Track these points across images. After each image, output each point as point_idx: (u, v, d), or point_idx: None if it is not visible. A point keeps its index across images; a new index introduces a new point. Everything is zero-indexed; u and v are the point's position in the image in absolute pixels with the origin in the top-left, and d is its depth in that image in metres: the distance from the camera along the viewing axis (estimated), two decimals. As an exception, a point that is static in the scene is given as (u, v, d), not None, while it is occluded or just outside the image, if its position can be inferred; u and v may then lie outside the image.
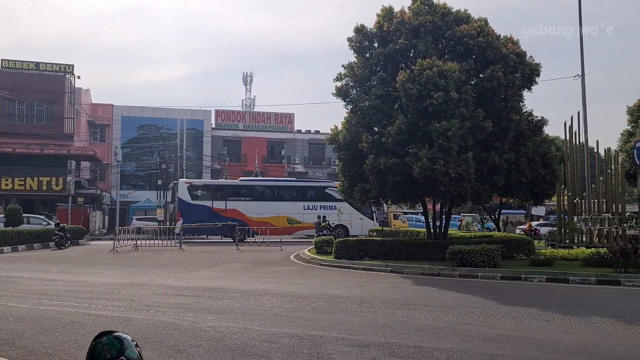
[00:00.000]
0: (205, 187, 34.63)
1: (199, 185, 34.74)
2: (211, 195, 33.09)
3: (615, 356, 7.10)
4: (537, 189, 19.56)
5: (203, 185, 35.53)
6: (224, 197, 32.80)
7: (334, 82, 20.17)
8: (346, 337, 7.94)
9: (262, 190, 34.22)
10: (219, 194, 33.26)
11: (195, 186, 33.91)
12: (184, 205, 31.73)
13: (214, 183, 37.53)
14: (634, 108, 26.12)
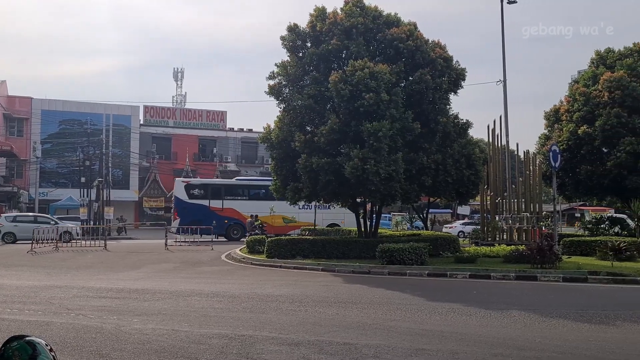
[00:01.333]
0: (202, 186, 34.69)
1: (196, 185, 34.86)
2: (208, 194, 33.19)
3: (531, 347, 7.50)
4: (462, 189, 20.35)
5: (200, 184, 35.51)
6: (221, 196, 32.84)
7: (266, 80, 20.11)
8: (276, 336, 7.92)
9: (258, 190, 34.10)
10: (215, 193, 33.29)
11: (192, 185, 34.23)
12: (181, 204, 31.88)
13: (211, 182, 37.51)
14: (550, 113, 27.73)
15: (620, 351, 7.32)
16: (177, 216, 31.76)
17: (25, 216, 31.85)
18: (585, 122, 24.74)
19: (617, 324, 9.10)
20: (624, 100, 23.51)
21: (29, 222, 28.56)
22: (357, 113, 17.47)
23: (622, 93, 23.56)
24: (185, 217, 30.62)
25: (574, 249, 20.07)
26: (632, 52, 25.60)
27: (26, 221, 29.24)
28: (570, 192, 27.20)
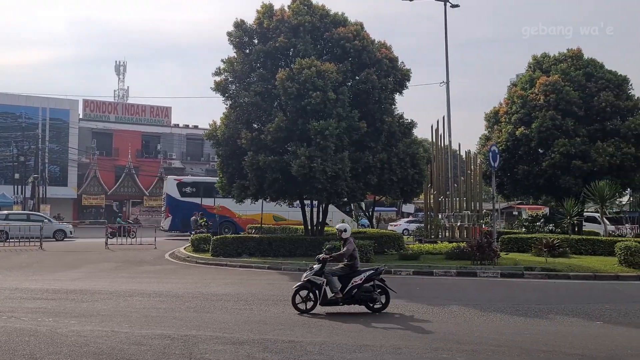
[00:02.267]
0: (194, 185, 34.69)
1: (188, 183, 34.86)
2: (200, 192, 33.19)
3: (469, 341, 7.75)
4: (407, 187, 20.74)
5: (192, 182, 35.45)
6: (213, 194, 32.24)
7: (213, 76, 19.87)
8: (220, 336, 7.83)
9: None
10: (207, 191, 32.95)
11: (184, 183, 34.35)
12: (173, 202, 31.90)
13: (203, 180, 37.30)
14: (490, 115, 28.68)
15: (552, 342, 7.68)
16: (169, 214, 32.14)
17: (18, 214, 31.32)
18: (523, 124, 25.73)
19: (549, 317, 9.55)
20: (558, 103, 24.60)
21: (21, 221, 28.27)
22: (304, 111, 17.49)
23: (556, 97, 24.65)
24: (176, 214, 31.15)
25: (512, 245, 20.87)
26: (566, 57, 26.81)
27: (18, 219, 28.83)
28: (509, 191, 28.24)
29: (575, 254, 19.01)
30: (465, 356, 6.94)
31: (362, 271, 9.86)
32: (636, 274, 14.94)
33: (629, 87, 26.00)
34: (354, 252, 10.02)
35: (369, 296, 9.62)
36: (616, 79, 25.64)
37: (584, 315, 9.72)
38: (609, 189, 21.24)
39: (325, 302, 9.58)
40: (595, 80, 25.43)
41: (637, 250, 15.88)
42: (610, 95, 24.74)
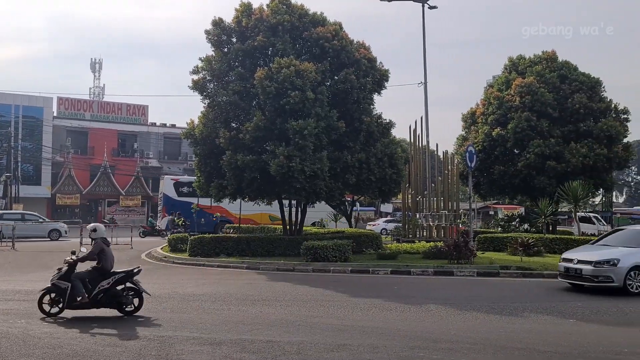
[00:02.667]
0: (190, 184, 33.93)
1: (184, 182, 34.37)
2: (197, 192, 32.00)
3: (446, 339, 7.84)
4: (385, 187, 20.84)
5: (189, 182, 34.57)
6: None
7: (190, 75, 19.65)
8: (197, 336, 7.77)
9: None
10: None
11: (181, 183, 34.10)
12: (170, 202, 31.66)
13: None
14: (467, 115, 29.00)
15: (526, 340, 7.81)
16: (166, 213, 31.92)
17: (12, 214, 31.01)
18: (499, 124, 26.08)
19: (524, 315, 9.70)
20: (533, 105, 25.00)
21: (15, 220, 27.96)
22: (283, 111, 17.45)
23: (531, 98, 25.04)
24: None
25: (488, 245, 21.14)
26: (542, 59, 27.26)
27: (12, 219, 28.49)
28: (485, 191, 28.60)
29: (549, 253, 19.33)
30: (441, 354, 7.01)
31: (113, 274, 9.42)
32: (608, 273, 15.25)
33: (601, 89, 26.56)
34: (103, 254, 9.42)
35: (118, 300, 9.24)
36: (589, 81, 26.17)
37: (557, 313, 9.90)
38: (582, 189, 21.66)
39: (71, 306, 9.07)
40: (569, 82, 25.92)
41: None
42: (583, 97, 25.23)
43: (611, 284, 11.65)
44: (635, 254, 11.97)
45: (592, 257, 12.18)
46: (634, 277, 11.67)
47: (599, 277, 11.79)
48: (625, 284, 11.58)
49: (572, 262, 12.50)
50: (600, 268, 11.81)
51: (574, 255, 12.90)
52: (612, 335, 8.27)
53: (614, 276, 11.60)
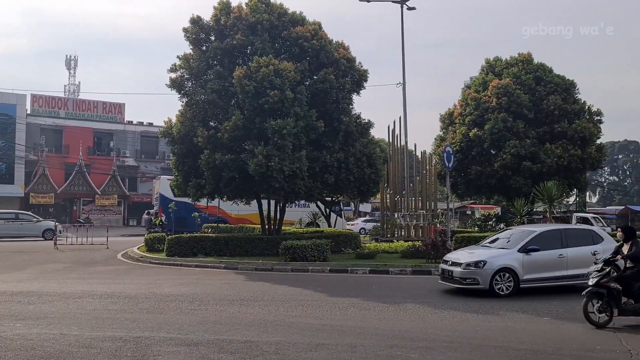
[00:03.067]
0: None
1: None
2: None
3: (423, 338, 7.89)
4: (364, 187, 20.91)
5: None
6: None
7: (168, 73, 19.48)
8: (175, 337, 7.69)
9: None
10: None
11: None
12: (166, 202, 30.93)
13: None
14: (445, 116, 29.32)
15: (502, 338, 7.91)
16: (162, 213, 31.49)
17: (7, 213, 30.62)
18: (476, 125, 26.42)
19: (499, 314, 9.83)
20: (509, 106, 25.38)
21: (10, 220, 28.25)
22: (262, 110, 17.39)
23: (508, 99, 25.43)
24: (170, 214, 30.52)
25: (465, 244, 21.20)
26: (518, 61, 27.70)
27: (7, 219, 28.69)
28: (462, 191, 28.95)
29: (525, 252, 19.56)
30: (419, 353, 7.06)
31: None
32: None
33: (576, 91, 27.11)
34: None
35: None
36: (564, 83, 26.68)
37: (532, 311, 10.05)
38: (557, 189, 22.01)
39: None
40: (545, 84, 26.38)
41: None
42: (558, 98, 25.72)
43: (477, 286, 11.40)
44: (506, 255, 11.74)
45: (463, 259, 11.89)
46: (502, 280, 11.44)
47: (467, 279, 11.54)
48: (491, 286, 11.37)
49: (447, 264, 12.26)
50: (467, 270, 11.54)
51: (452, 256, 12.67)
52: (585, 332, 8.42)
53: (479, 278, 11.35)
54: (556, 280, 11.85)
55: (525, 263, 11.61)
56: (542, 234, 12.22)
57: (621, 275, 8.84)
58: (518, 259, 11.62)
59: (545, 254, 11.76)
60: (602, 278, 8.74)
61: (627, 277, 8.83)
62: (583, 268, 11.21)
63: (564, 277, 11.80)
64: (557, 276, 11.80)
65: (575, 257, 11.78)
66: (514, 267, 11.53)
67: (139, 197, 52.46)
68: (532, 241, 11.87)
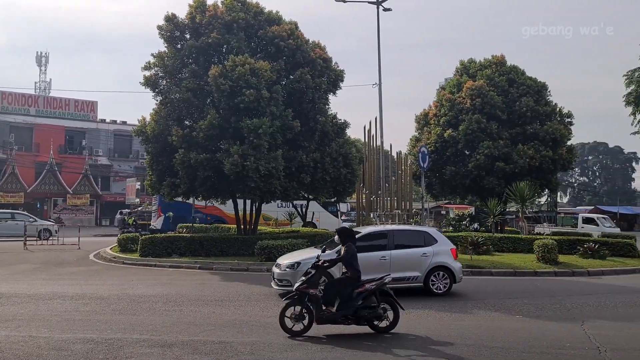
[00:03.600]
0: None
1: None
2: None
3: (399, 336, 7.94)
4: (340, 186, 20.95)
5: None
6: None
7: (142, 71, 19.19)
8: (148, 338, 7.59)
9: None
10: None
11: None
12: (164, 202, 29.78)
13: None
14: (421, 117, 29.57)
15: (475, 336, 8.02)
16: (161, 213, 30.94)
17: (3, 213, 30.59)
18: (451, 126, 26.72)
19: (473, 312, 9.97)
20: (483, 107, 25.73)
21: (6, 220, 28.34)
22: (238, 109, 17.29)
23: (482, 101, 25.77)
24: (167, 213, 30.16)
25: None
26: (491, 63, 28.09)
27: (3, 218, 28.78)
28: (437, 191, 29.23)
29: (498, 251, 19.92)
30: (394, 351, 7.10)
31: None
32: (552, 270, 15.89)
33: (547, 94, 27.64)
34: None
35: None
36: (536, 85, 27.17)
37: (504, 310, 10.21)
38: (529, 190, 22.44)
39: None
40: (517, 86, 26.82)
41: (553, 248, 16.87)
42: (530, 100, 26.17)
43: (291, 288, 10.44)
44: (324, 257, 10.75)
45: (285, 260, 11.54)
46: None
47: (282, 281, 11.09)
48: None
49: (274, 265, 11.85)
50: (283, 272, 11.16)
51: (282, 257, 12.20)
52: (555, 330, 8.59)
53: (292, 280, 10.51)
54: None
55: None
56: (368, 234, 11.90)
57: (327, 282, 8.30)
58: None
59: (366, 255, 10.97)
60: (304, 283, 8.04)
61: (331, 284, 8.25)
62: (408, 271, 11.27)
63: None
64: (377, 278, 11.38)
65: (399, 260, 11.42)
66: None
67: (112, 196, 51.66)
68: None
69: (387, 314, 8.10)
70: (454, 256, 12.04)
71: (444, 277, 11.67)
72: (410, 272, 11.45)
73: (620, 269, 16.90)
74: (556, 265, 16.49)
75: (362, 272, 10.63)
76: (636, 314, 10.11)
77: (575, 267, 16.39)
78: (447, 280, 11.67)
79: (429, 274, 11.60)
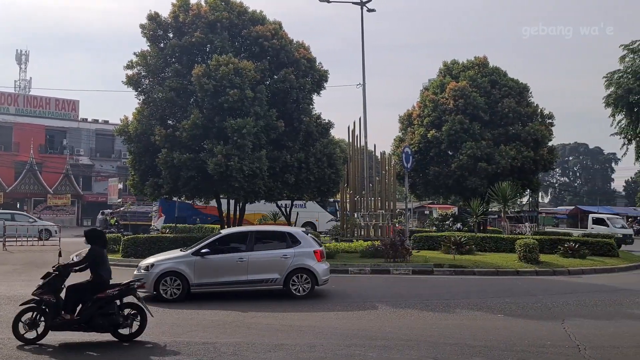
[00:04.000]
0: None
1: None
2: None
3: (381, 337, 7.99)
4: (324, 187, 20.96)
5: None
6: None
7: (124, 70, 19.00)
8: (130, 340, 7.51)
9: None
10: None
11: None
12: (166, 203, 29.69)
13: None
14: (404, 117, 29.71)
15: (458, 336, 8.09)
16: (162, 213, 30.93)
17: (3, 214, 30.12)
18: (434, 126, 26.89)
19: (455, 312, 10.05)
20: (466, 108, 25.94)
21: (6, 220, 27.83)
22: (221, 109, 17.21)
23: (464, 102, 25.98)
24: (170, 214, 30.03)
25: (423, 243, 21.72)
26: (474, 64, 28.32)
27: (3, 219, 28.13)
28: (421, 191, 29.39)
29: (480, 251, 20.09)
30: (377, 351, 7.13)
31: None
32: (534, 269, 16.09)
33: (529, 95, 27.96)
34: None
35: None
36: (518, 87, 27.47)
37: (487, 309, 10.31)
38: (511, 190, 22.67)
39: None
40: (499, 87, 27.10)
41: (534, 247, 17.08)
42: (512, 101, 26.46)
43: (144, 290, 10.39)
44: (177, 259, 11.19)
45: (144, 261, 11.51)
46: (169, 284, 10.83)
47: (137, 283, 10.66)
48: (157, 290, 10.77)
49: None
50: (139, 273, 11.02)
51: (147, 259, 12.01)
52: (536, 329, 8.69)
53: (146, 281, 10.54)
54: (233, 285, 11.13)
55: (198, 267, 10.98)
56: (227, 236, 11.84)
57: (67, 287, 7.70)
58: (189, 263, 11.01)
59: (222, 257, 11.12)
60: (39, 288, 7.56)
61: (71, 290, 7.67)
62: (266, 273, 11.05)
63: (243, 282, 11.08)
64: (234, 281, 11.06)
65: (258, 261, 11.21)
66: (181, 271, 10.89)
67: (93, 196, 51.06)
68: (211, 244, 11.33)
69: (130, 322, 7.58)
70: (318, 258, 11.55)
71: (305, 279, 11.26)
72: (269, 274, 11.12)
73: (600, 268, 17.18)
74: (537, 264, 16.69)
75: (218, 275, 10.57)
76: (615, 312, 10.28)
77: (556, 267, 16.61)
78: (309, 283, 11.27)
79: (289, 276, 11.21)
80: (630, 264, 18.36)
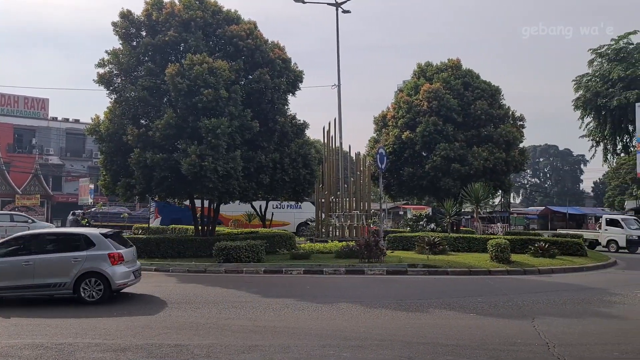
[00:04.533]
0: None
1: None
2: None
3: (356, 337, 8.01)
4: (299, 187, 20.97)
5: None
6: None
7: (96, 68, 18.71)
8: (101, 342, 7.40)
9: None
10: None
11: None
12: (162, 203, 29.19)
13: None
14: (379, 118, 29.89)
15: (431, 335, 8.16)
16: (159, 214, 30.76)
17: (1, 215, 29.73)
18: (408, 128, 27.10)
19: (429, 311, 10.14)
20: (440, 109, 26.22)
21: (4, 221, 27.50)
22: (195, 108, 17.06)
23: (438, 103, 26.26)
24: (166, 216, 30.00)
25: (397, 244, 21.88)
26: (447, 67, 28.66)
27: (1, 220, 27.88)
28: (395, 192, 29.61)
29: (453, 251, 20.32)
30: (351, 351, 7.15)
31: None
32: (505, 269, 16.34)
33: (501, 97, 28.41)
34: None
35: None
36: (490, 89, 27.89)
37: (459, 308, 10.42)
38: (483, 191, 23.01)
39: None
40: (472, 89, 27.46)
41: (506, 247, 17.35)
42: (485, 104, 26.85)
43: None
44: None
45: None
46: None
47: None
48: None
49: None
50: None
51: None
52: (507, 327, 8.83)
53: None
54: (19, 290, 10.55)
55: None
56: (16, 238, 11.26)
57: None
58: None
59: (9, 260, 10.57)
60: None
61: None
62: (54, 277, 10.46)
63: (30, 286, 10.48)
64: (20, 285, 10.46)
65: (45, 265, 10.57)
66: None
67: (64, 197, 50.08)
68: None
69: None
70: (113, 261, 10.78)
71: (97, 283, 10.56)
72: (57, 278, 10.43)
73: (569, 267, 17.54)
74: (509, 264, 16.96)
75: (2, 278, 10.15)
76: (584, 310, 10.51)
77: (526, 266, 16.91)
78: (101, 287, 10.56)
79: (79, 281, 10.50)
80: (598, 263, 18.80)
